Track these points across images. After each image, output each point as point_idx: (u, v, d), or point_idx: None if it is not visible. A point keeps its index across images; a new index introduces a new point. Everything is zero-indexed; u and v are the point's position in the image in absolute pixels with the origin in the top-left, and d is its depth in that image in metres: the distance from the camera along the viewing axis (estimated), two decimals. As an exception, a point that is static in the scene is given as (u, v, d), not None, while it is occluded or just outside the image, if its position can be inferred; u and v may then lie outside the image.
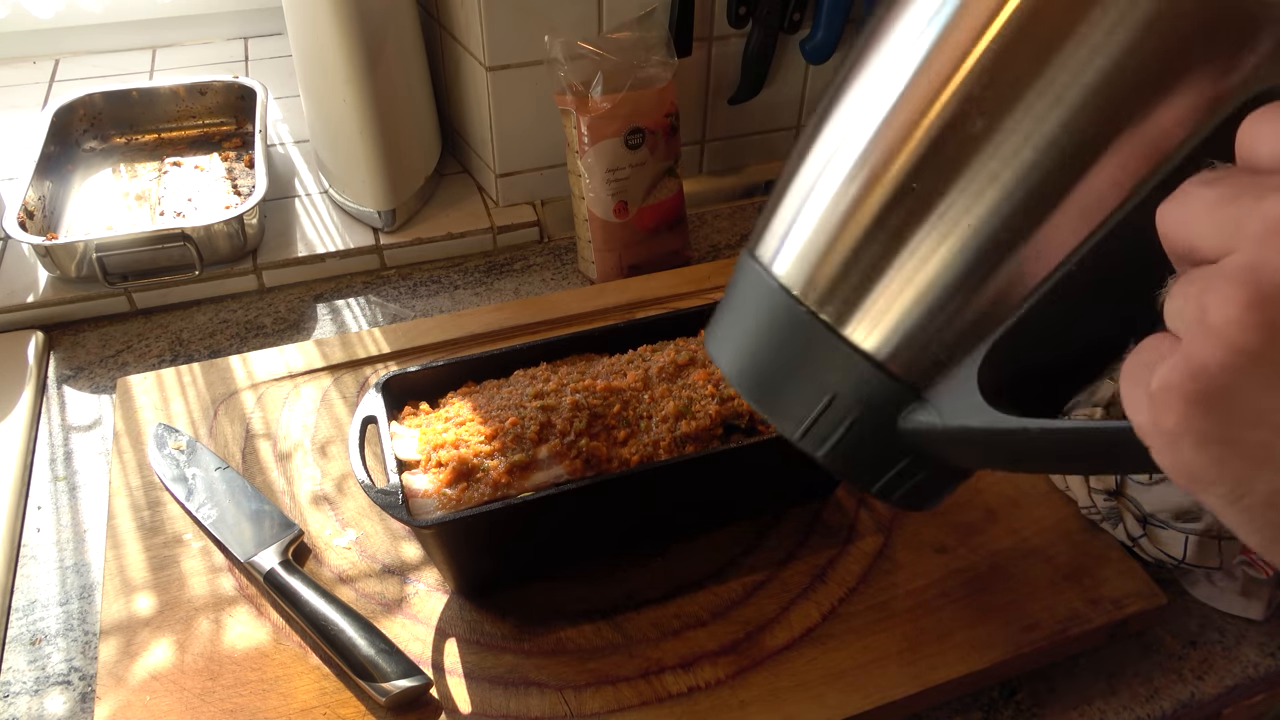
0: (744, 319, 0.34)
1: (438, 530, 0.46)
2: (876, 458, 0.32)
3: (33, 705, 0.48)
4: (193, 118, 0.91)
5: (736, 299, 0.35)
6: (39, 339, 0.70)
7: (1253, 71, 0.25)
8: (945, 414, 0.29)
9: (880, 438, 0.31)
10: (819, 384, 0.32)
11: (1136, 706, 0.51)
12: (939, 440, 0.30)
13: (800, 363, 0.32)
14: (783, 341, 0.33)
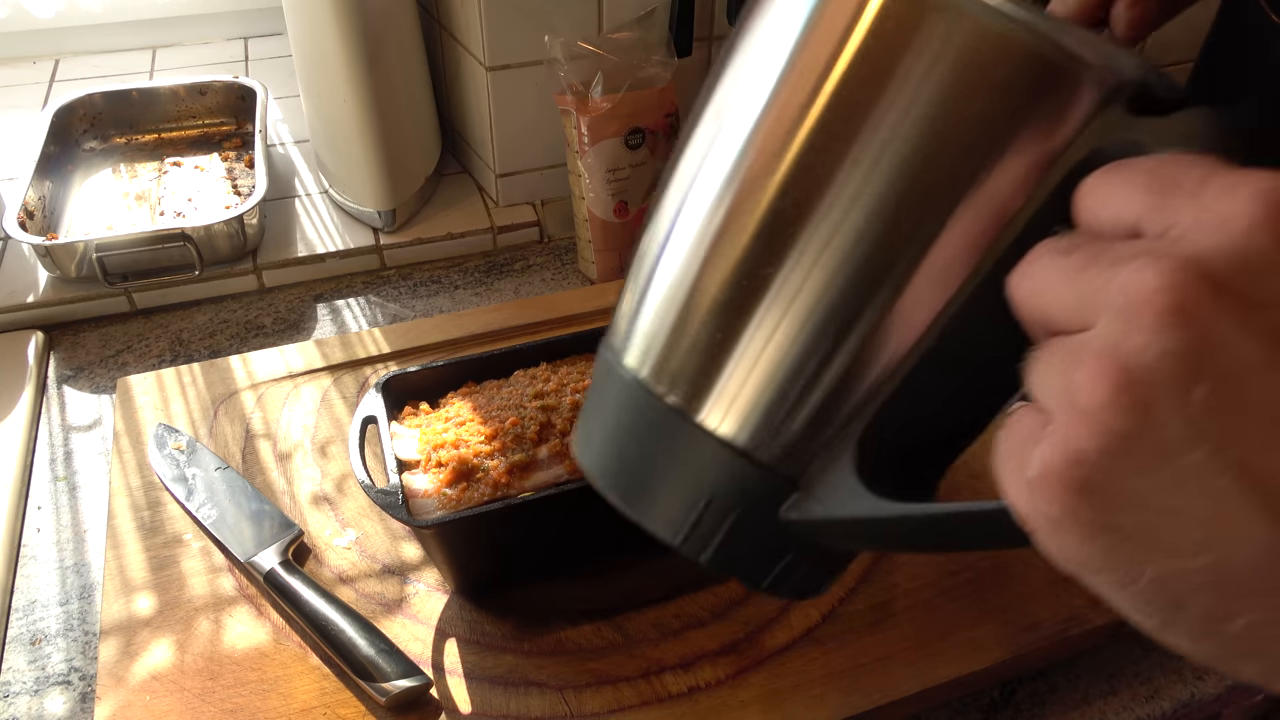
0: (604, 416, 0.32)
1: (438, 530, 0.46)
2: (761, 555, 0.31)
3: (33, 705, 0.48)
4: (193, 118, 0.91)
5: (595, 395, 0.33)
6: (39, 339, 0.70)
7: (1079, 131, 0.24)
8: (827, 504, 0.28)
9: (763, 535, 0.30)
10: (692, 484, 0.30)
11: (1136, 706, 0.51)
12: (824, 531, 0.29)
13: (668, 461, 0.30)
14: (646, 438, 0.31)
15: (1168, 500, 0.19)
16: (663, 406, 0.30)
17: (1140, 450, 0.19)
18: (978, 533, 0.25)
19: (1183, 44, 0.98)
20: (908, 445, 0.29)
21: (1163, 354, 0.18)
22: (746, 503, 0.30)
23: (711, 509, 0.30)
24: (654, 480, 0.31)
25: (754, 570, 0.31)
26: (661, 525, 0.31)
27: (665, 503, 0.31)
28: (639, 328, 0.31)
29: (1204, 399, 0.18)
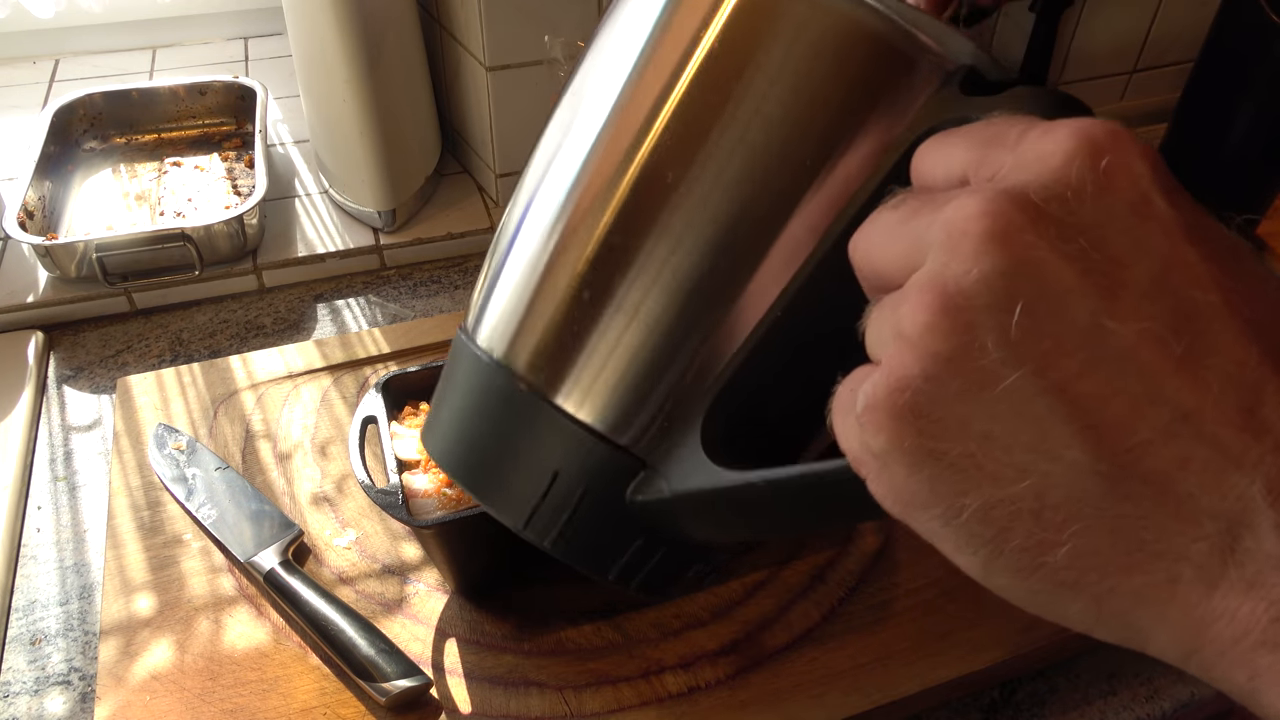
0: (455, 400, 0.32)
1: (438, 530, 0.46)
2: (609, 540, 0.30)
3: (33, 705, 0.48)
4: (193, 118, 0.91)
5: (447, 380, 0.33)
6: (39, 339, 0.70)
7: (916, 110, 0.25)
8: (673, 480, 0.28)
9: (610, 517, 0.29)
10: (539, 462, 0.30)
11: (1136, 706, 0.51)
12: (670, 511, 0.28)
13: (518, 441, 0.30)
14: (497, 419, 0.30)
15: (989, 424, 0.19)
16: (512, 384, 0.30)
17: (962, 373, 0.19)
18: (826, 498, 0.25)
19: (1183, 44, 0.98)
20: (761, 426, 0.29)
21: (981, 276, 0.19)
22: (593, 481, 0.29)
23: (557, 487, 0.29)
24: (501, 460, 0.30)
25: (602, 557, 0.30)
26: (508, 509, 0.30)
27: (511, 483, 0.30)
28: (495, 308, 0.31)
29: (1022, 321, 0.19)
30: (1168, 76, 1.02)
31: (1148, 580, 0.19)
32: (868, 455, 0.21)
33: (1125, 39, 0.97)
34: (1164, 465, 0.18)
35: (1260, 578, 0.17)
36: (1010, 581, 0.20)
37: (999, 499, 0.19)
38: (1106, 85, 1.03)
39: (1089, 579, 0.19)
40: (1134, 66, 1.00)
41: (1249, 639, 0.18)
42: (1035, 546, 0.19)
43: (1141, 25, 0.96)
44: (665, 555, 0.31)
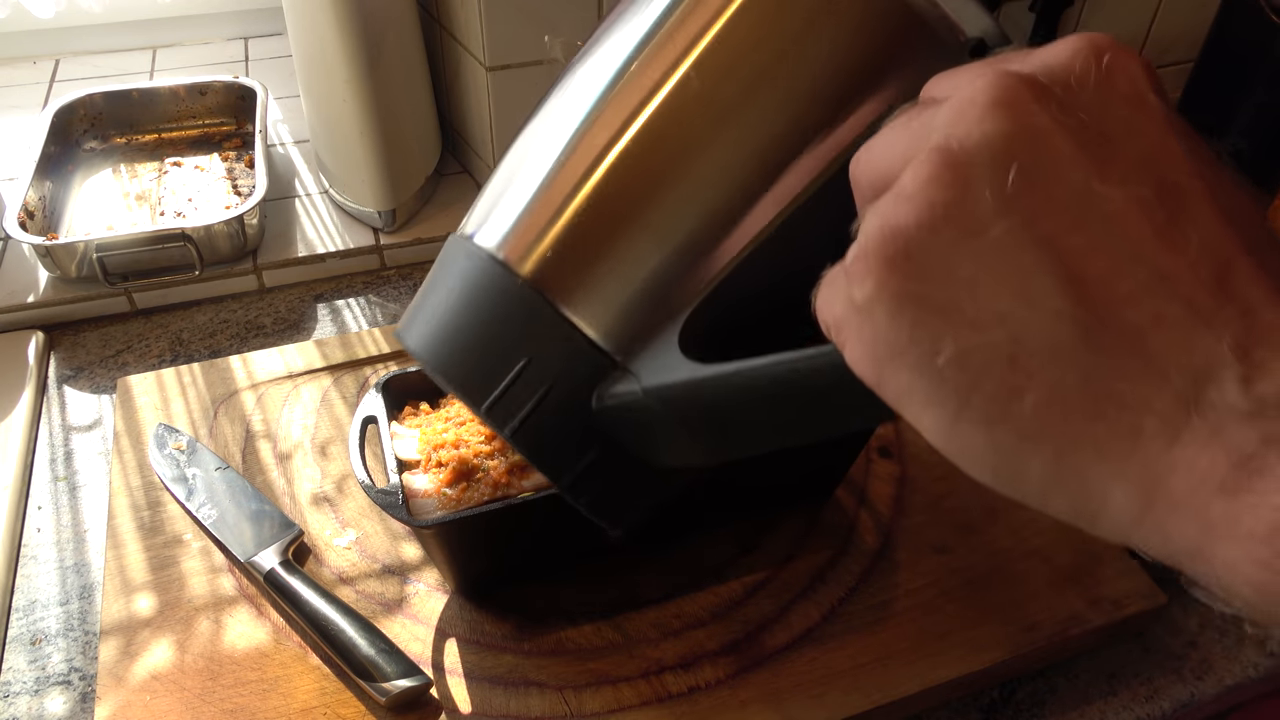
0: (440, 293, 0.32)
1: (438, 530, 0.46)
2: (568, 439, 0.30)
3: (33, 705, 0.48)
4: (193, 118, 0.91)
5: (433, 279, 0.33)
6: (39, 339, 0.70)
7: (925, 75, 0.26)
8: (645, 376, 0.28)
9: (574, 416, 0.29)
10: (513, 348, 0.30)
11: (1136, 706, 0.51)
12: (636, 414, 0.28)
13: (497, 328, 0.30)
14: (480, 306, 0.31)
15: (975, 271, 0.20)
16: (505, 275, 0.30)
17: (956, 222, 0.20)
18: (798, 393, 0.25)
19: (1183, 44, 0.98)
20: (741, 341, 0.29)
21: (984, 137, 0.20)
22: (564, 372, 0.29)
23: (527, 374, 0.29)
24: (474, 346, 0.31)
25: (559, 458, 0.30)
26: (473, 391, 0.30)
27: (481, 367, 0.30)
28: (502, 211, 0.32)
29: (1018, 178, 0.20)
30: (1168, 76, 1.02)
31: (1111, 430, 0.19)
32: (850, 312, 0.22)
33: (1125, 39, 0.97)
34: (1139, 319, 0.19)
35: (1222, 427, 0.18)
36: (975, 434, 0.20)
37: (976, 344, 0.20)
38: (1106, 85, 1.03)
39: (1053, 428, 0.20)
40: (1134, 66, 1.00)
41: (1206, 487, 0.18)
42: (1005, 393, 0.20)
43: (1141, 25, 0.96)
44: (622, 475, 0.31)
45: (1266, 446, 0.17)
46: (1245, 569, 0.17)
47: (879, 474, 0.60)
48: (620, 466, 0.31)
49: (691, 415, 0.27)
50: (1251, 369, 0.18)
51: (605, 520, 0.32)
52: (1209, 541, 0.18)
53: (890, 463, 0.60)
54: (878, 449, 0.61)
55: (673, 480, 0.33)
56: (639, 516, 0.33)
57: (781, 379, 0.25)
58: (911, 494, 0.58)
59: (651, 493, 0.33)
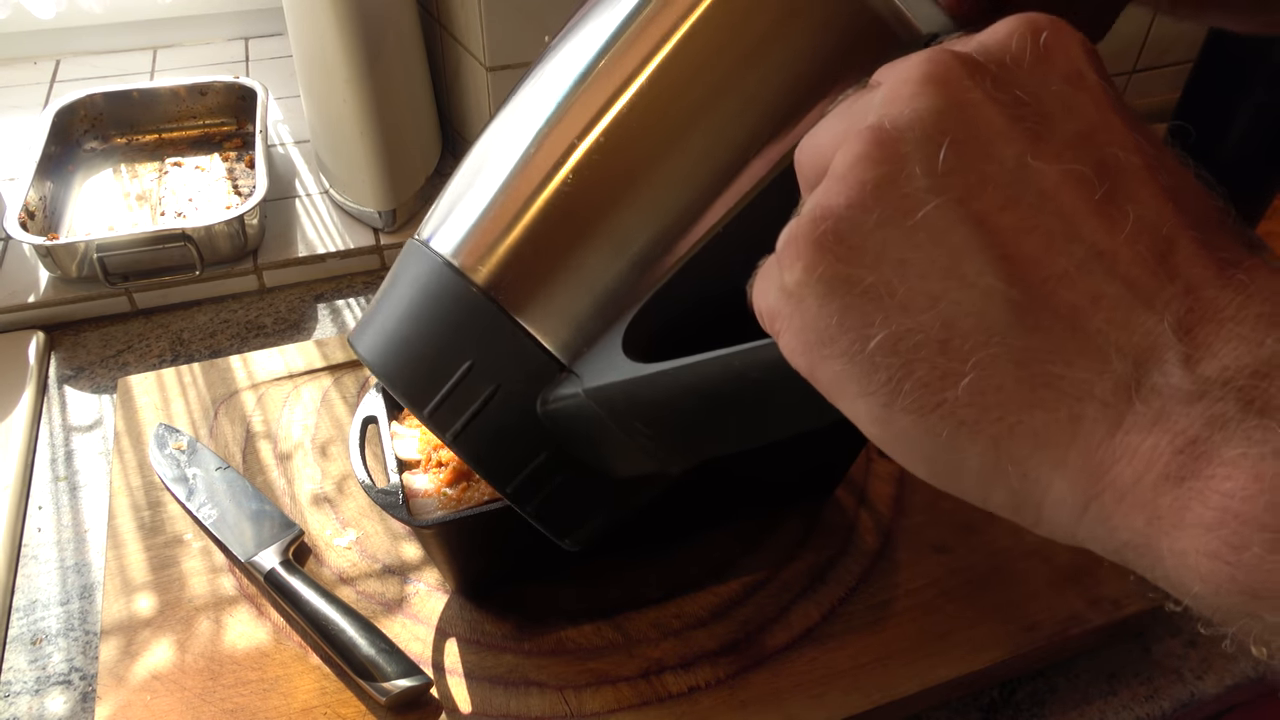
0: (393, 297, 0.32)
1: (438, 530, 0.46)
2: (512, 444, 0.30)
3: (33, 705, 0.48)
4: (193, 118, 0.91)
5: (388, 285, 0.33)
6: (40, 339, 0.70)
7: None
8: (587, 377, 0.28)
9: (518, 419, 0.29)
10: (460, 351, 0.30)
11: (1136, 706, 0.51)
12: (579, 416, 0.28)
13: (443, 331, 0.30)
14: (429, 312, 0.31)
15: (906, 252, 0.19)
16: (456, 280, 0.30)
17: (886, 201, 0.19)
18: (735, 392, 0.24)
19: (1183, 44, 0.98)
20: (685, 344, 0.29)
21: (915, 113, 0.20)
22: (509, 376, 0.29)
23: (471, 376, 0.29)
24: (424, 353, 0.30)
25: (502, 463, 0.30)
26: (417, 395, 0.30)
27: (429, 373, 0.30)
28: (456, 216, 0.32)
29: (949, 155, 0.19)
30: (1168, 76, 1.02)
31: (1050, 418, 0.18)
32: (782, 300, 0.21)
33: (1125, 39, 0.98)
34: (1076, 299, 0.18)
35: (1166, 412, 0.17)
36: (910, 423, 0.20)
37: (907, 328, 0.19)
38: (1107, 85, 1.03)
39: (990, 416, 0.19)
40: (1134, 66, 1.00)
41: (1150, 475, 0.17)
42: (938, 380, 0.19)
43: (1141, 25, 0.96)
44: (567, 483, 0.30)
45: (1211, 429, 0.17)
46: (1194, 561, 0.17)
47: (879, 474, 0.60)
48: (569, 475, 0.30)
49: (630, 416, 0.27)
50: (1194, 348, 0.17)
51: (554, 530, 0.32)
52: (1156, 533, 0.17)
53: (890, 463, 0.60)
54: (878, 449, 0.61)
55: (629, 495, 0.33)
56: (592, 529, 0.32)
57: (717, 376, 0.25)
58: (911, 494, 0.58)
59: (604, 505, 0.32)
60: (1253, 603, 0.16)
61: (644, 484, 0.33)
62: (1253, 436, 0.16)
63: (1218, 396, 0.17)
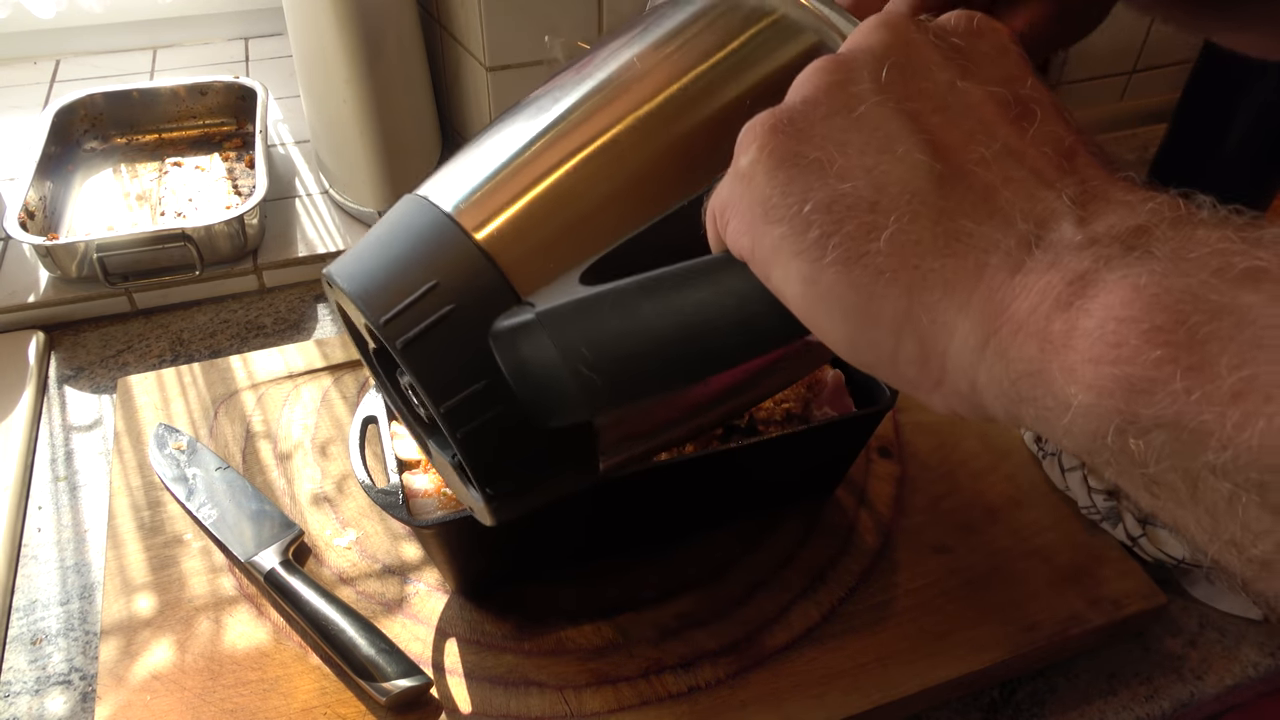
0: (373, 236, 0.34)
1: (438, 530, 0.46)
2: (456, 364, 0.31)
3: (33, 705, 0.48)
4: (193, 118, 0.91)
5: (377, 226, 0.35)
6: (40, 339, 0.70)
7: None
8: (540, 301, 0.30)
9: (466, 341, 0.30)
10: (427, 271, 0.31)
11: (1136, 706, 0.51)
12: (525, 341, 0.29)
13: (414, 253, 0.32)
14: (404, 238, 0.33)
15: (847, 135, 0.23)
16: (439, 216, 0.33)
17: (834, 98, 0.24)
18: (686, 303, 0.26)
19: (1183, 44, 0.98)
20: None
21: (867, 43, 0.24)
22: (468, 298, 0.31)
23: (433, 294, 0.31)
24: (392, 267, 0.32)
25: (445, 378, 0.31)
26: (376, 305, 0.31)
27: (392, 284, 0.32)
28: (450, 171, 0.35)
29: (891, 72, 0.23)
30: (1168, 76, 1.02)
31: (959, 265, 0.21)
32: (734, 184, 0.24)
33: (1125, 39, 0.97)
34: (989, 178, 0.22)
35: (1060, 258, 0.20)
36: (836, 276, 0.22)
37: (842, 192, 0.22)
38: (1106, 85, 1.03)
39: (907, 264, 0.21)
40: (1134, 66, 1.00)
41: (1044, 306, 0.19)
42: (864, 233, 0.22)
43: (1141, 25, 0.96)
44: (500, 419, 0.31)
45: (1098, 265, 0.19)
46: (1080, 370, 0.18)
47: (879, 474, 0.60)
48: (504, 412, 0.31)
49: (575, 338, 0.28)
50: (1086, 215, 0.20)
51: (477, 468, 0.32)
52: (1048, 356, 0.19)
53: (890, 463, 0.60)
54: (878, 449, 0.61)
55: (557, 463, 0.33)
56: (515, 484, 0.33)
57: (663, 284, 0.26)
58: (911, 494, 0.58)
59: (530, 460, 0.33)
60: (1129, 399, 0.17)
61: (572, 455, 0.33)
62: (1132, 265, 0.18)
63: (1105, 244, 0.19)
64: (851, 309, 0.22)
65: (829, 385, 0.54)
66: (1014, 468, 0.61)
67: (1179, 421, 0.17)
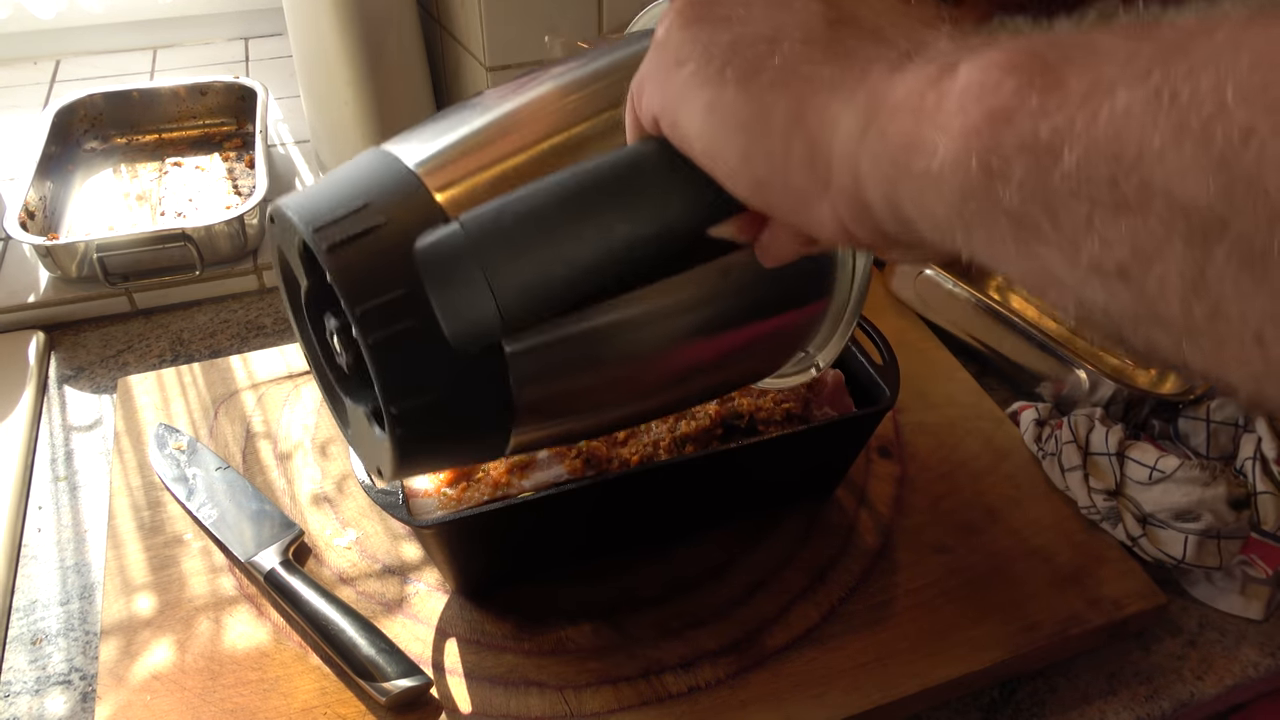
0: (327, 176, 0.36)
1: (438, 530, 0.46)
2: (377, 271, 0.32)
3: (33, 705, 0.48)
4: (193, 118, 0.91)
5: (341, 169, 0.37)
6: (40, 339, 0.70)
7: None
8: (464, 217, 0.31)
9: (391, 251, 0.31)
10: (363, 192, 0.33)
11: (1136, 706, 0.51)
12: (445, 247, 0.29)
13: (357, 181, 0.34)
14: (351, 172, 0.34)
15: None
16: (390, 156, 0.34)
17: None
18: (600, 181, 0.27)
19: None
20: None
21: None
22: (399, 215, 0.32)
23: (365, 211, 0.32)
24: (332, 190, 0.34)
25: (364, 284, 0.31)
26: (310, 216, 0.33)
27: (329, 201, 0.33)
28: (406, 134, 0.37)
29: None
30: (1168, 76, 1.02)
31: (846, 73, 0.23)
32: (650, 56, 0.27)
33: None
34: (877, 21, 0.24)
35: (935, 58, 0.22)
36: (735, 93, 0.24)
37: (744, 33, 0.25)
38: (1107, 85, 1.03)
39: (798, 74, 0.24)
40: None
41: (919, 86, 0.21)
42: (763, 55, 0.24)
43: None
44: (412, 332, 0.32)
45: (968, 52, 0.21)
46: (950, 121, 0.20)
47: (879, 474, 0.60)
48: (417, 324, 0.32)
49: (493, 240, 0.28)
50: (961, 39, 0.22)
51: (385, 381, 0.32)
52: (921, 123, 0.21)
53: (890, 463, 0.60)
54: (878, 449, 0.61)
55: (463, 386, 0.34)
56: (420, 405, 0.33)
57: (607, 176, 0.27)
58: (911, 494, 0.58)
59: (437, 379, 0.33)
60: (993, 131, 0.19)
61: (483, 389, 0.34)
62: (996, 45, 0.20)
63: (974, 45, 0.21)
64: (747, 121, 0.24)
65: (829, 385, 0.54)
66: (1014, 468, 0.61)
67: (1035, 138, 0.18)
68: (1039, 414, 0.62)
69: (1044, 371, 0.66)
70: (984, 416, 0.64)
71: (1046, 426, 0.62)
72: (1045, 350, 0.65)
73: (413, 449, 0.34)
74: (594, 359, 0.36)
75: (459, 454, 0.36)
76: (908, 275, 0.72)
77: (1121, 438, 0.59)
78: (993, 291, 0.77)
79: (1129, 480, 0.57)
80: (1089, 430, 0.60)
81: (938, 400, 0.65)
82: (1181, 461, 0.56)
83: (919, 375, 0.67)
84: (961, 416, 0.64)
